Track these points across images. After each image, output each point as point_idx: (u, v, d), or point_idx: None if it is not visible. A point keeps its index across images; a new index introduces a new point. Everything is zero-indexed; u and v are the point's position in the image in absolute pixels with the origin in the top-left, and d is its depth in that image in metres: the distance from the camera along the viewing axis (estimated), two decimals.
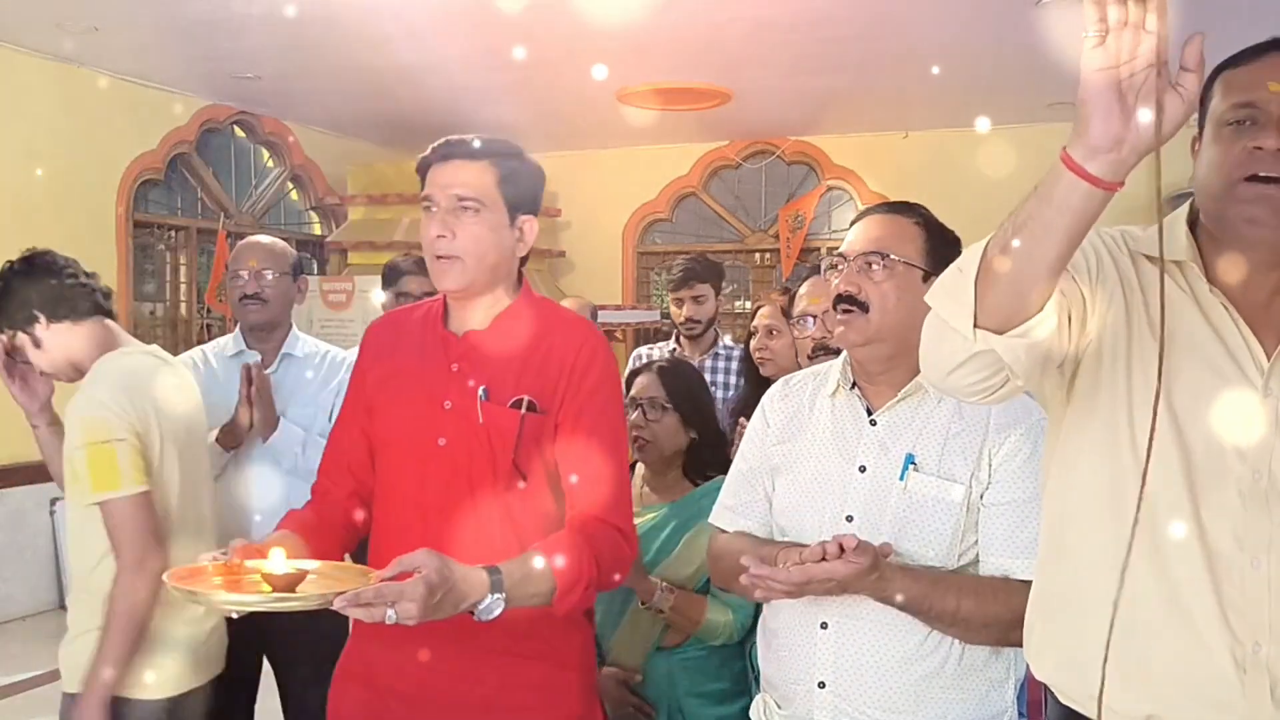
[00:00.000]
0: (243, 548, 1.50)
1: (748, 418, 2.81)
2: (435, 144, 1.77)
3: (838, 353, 2.32)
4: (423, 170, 1.77)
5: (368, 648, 1.81)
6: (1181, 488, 1.28)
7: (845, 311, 1.66)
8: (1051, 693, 1.43)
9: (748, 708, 2.40)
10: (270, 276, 2.70)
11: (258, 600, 1.38)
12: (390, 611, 1.37)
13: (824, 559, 1.47)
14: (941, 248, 1.65)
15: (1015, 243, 1.11)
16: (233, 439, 2.61)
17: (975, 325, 1.16)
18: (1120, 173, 1.03)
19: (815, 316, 2.48)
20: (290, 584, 1.40)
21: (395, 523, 1.77)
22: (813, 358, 2.47)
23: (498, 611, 1.50)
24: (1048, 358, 1.26)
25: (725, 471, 2.38)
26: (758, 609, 2.38)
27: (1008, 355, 1.17)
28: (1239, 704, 1.25)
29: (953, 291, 1.20)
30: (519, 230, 1.77)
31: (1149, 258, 1.35)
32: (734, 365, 3.91)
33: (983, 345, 1.16)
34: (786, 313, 2.99)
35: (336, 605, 1.35)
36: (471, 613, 1.49)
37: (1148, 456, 1.14)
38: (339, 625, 2.74)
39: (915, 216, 1.71)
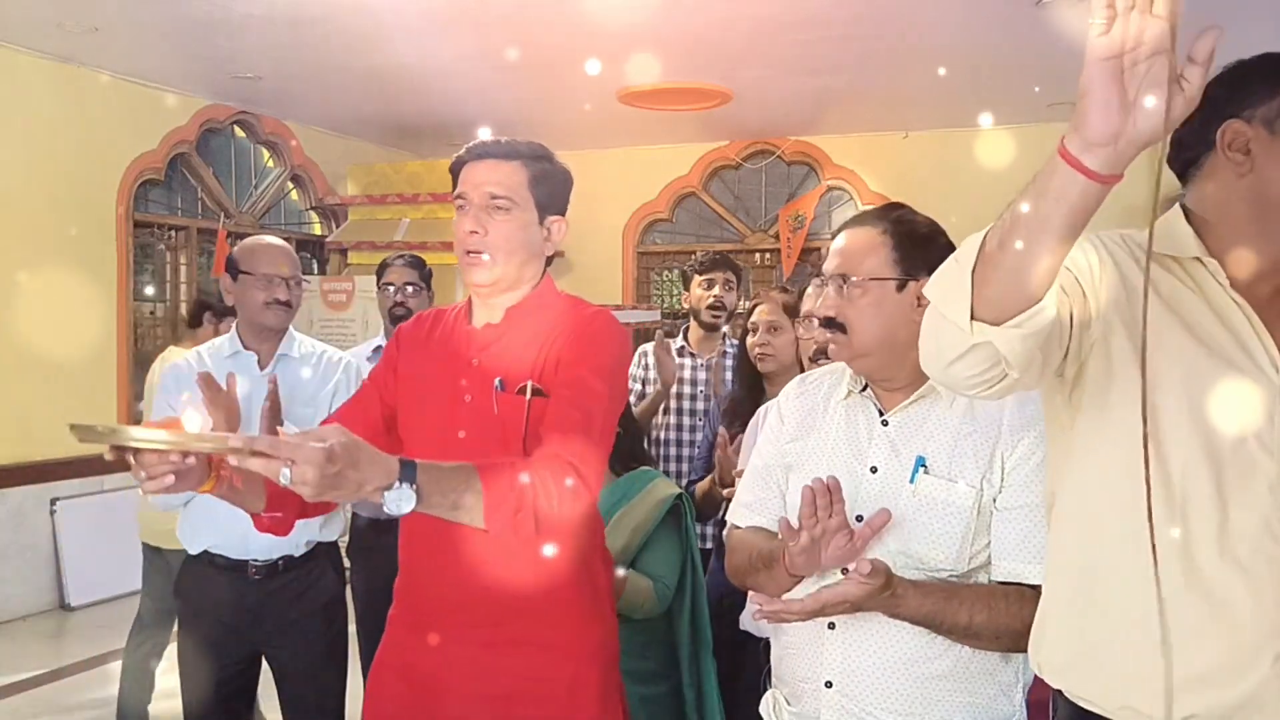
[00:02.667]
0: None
1: (742, 424, 2.81)
2: (469, 144, 1.82)
3: None
4: (456, 169, 1.82)
5: (401, 637, 1.85)
6: (1209, 486, 1.27)
7: (830, 332, 1.68)
8: (1061, 693, 1.41)
9: (675, 691, 2.40)
10: (296, 284, 2.76)
11: (156, 437, 1.29)
12: (286, 470, 1.26)
13: (815, 513, 1.50)
14: (913, 250, 1.64)
15: (1012, 235, 1.09)
16: None
17: (972, 318, 1.16)
18: (1117, 166, 1.00)
19: (819, 318, 2.46)
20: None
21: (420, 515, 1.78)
22: (814, 360, 2.46)
23: (408, 506, 1.37)
24: (1046, 353, 1.26)
25: (646, 463, 2.58)
26: (681, 578, 2.42)
27: (1004, 347, 1.16)
28: (1275, 702, 1.24)
29: (950, 284, 1.19)
30: (547, 230, 1.82)
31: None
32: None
33: (980, 338, 1.16)
34: (791, 310, 2.98)
35: (231, 442, 1.27)
36: (381, 503, 1.37)
37: (1145, 460, 1.14)
38: (335, 625, 2.77)
39: (883, 224, 1.67)
